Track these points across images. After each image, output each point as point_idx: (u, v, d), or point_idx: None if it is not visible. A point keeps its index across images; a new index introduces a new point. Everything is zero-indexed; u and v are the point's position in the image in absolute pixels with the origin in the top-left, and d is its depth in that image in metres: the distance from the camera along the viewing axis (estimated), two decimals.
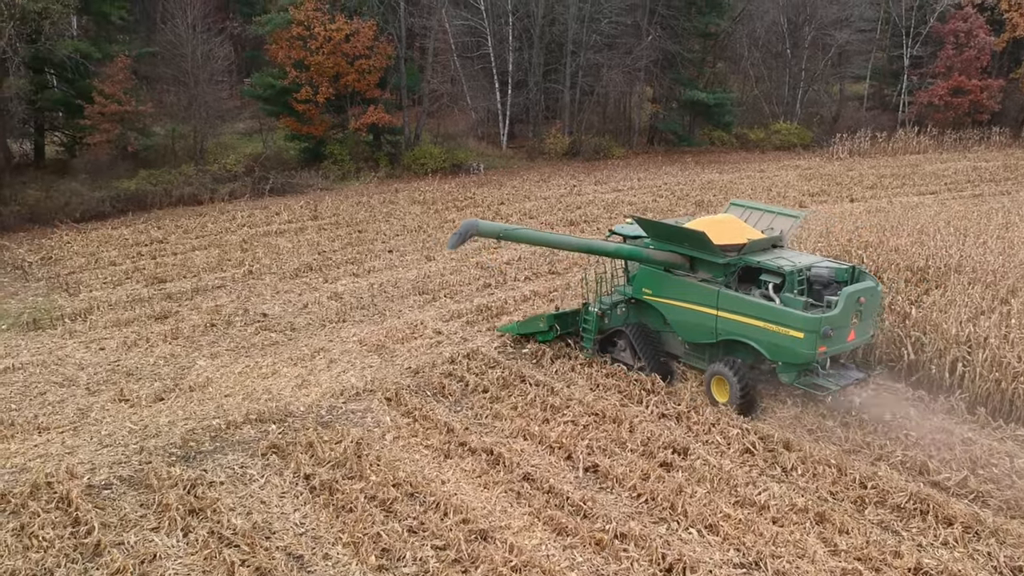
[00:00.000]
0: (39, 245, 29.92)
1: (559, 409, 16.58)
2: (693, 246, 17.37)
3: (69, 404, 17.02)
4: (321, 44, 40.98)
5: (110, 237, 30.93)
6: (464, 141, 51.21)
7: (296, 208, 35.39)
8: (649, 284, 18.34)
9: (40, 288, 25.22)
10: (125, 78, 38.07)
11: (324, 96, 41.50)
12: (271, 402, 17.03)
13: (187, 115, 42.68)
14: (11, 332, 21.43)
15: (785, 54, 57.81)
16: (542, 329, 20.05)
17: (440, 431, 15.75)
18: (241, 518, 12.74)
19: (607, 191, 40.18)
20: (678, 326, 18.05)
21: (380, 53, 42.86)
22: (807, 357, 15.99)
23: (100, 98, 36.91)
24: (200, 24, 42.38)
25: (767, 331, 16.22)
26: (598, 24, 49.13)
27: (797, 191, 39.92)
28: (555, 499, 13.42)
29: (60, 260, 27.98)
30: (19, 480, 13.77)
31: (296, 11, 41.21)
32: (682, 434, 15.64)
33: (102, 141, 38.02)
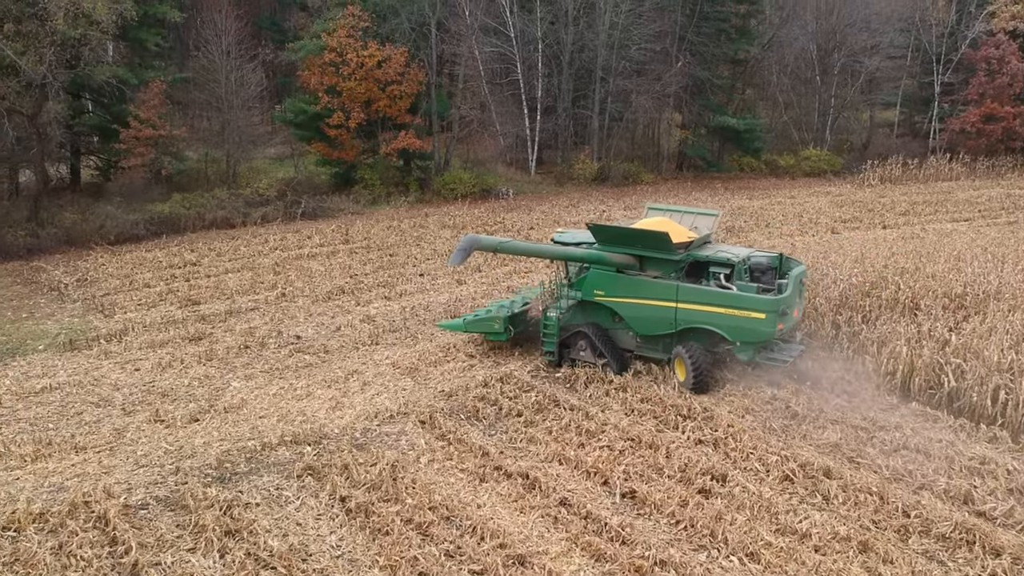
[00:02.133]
0: (75, 267, 30.26)
1: (594, 434, 16.45)
2: (650, 246, 18.91)
3: (105, 424, 17.10)
4: (353, 70, 41.39)
5: (144, 259, 31.25)
6: (493, 166, 51.40)
7: (328, 232, 35.61)
8: (601, 286, 19.49)
9: (76, 309, 25.48)
10: (160, 103, 38.62)
11: (356, 121, 41.86)
12: (306, 424, 17.02)
13: (220, 140, 43.24)
14: (48, 352, 21.63)
15: (815, 80, 57.69)
16: (497, 331, 20.43)
17: (475, 455, 15.66)
18: (277, 540, 12.69)
19: (636, 216, 39.99)
20: (635, 321, 19.37)
21: (411, 79, 43.22)
22: (768, 335, 18.15)
23: (135, 123, 37.47)
24: (233, 51, 43.00)
25: (729, 316, 18.10)
26: (627, 51, 49.28)
27: (829, 217, 39.66)
28: (593, 524, 13.28)
29: (95, 282, 28.28)
30: (57, 499, 13.82)
31: (329, 37, 41.71)
32: (720, 460, 15.44)
33: (137, 165, 38.56)
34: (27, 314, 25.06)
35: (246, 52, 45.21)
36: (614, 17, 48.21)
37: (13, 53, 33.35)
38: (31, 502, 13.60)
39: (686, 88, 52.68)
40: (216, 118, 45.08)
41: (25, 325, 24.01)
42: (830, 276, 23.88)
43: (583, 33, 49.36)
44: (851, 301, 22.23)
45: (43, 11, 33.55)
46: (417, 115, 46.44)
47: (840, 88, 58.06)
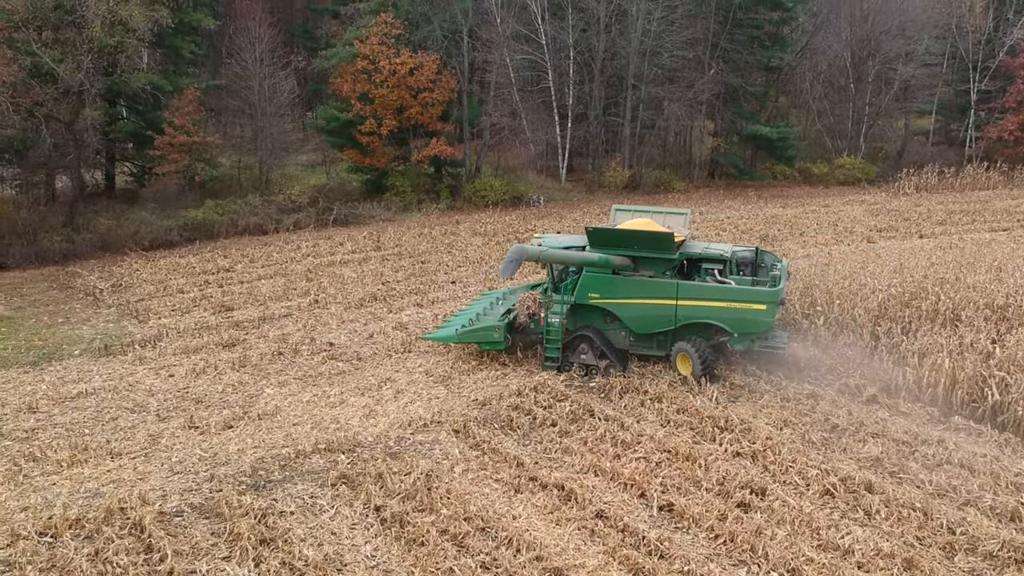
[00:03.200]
0: (110, 272, 30.52)
1: (630, 445, 16.24)
2: (651, 247, 19.45)
3: (140, 430, 17.14)
4: (386, 77, 41.51)
5: (178, 265, 31.46)
6: (524, 174, 51.34)
7: (359, 239, 35.68)
8: (597, 288, 19.78)
9: (111, 314, 25.65)
10: (194, 110, 38.93)
11: (388, 128, 41.96)
12: (339, 432, 16.95)
13: (253, 146, 43.54)
14: (84, 357, 21.77)
15: (848, 88, 57.09)
16: (496, 339, 20.26)
17: (510, 465, 15.50)
18: (312, 549, 12.60)
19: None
20: (632, 321, 19.81)
21: (443, 86, 43.28)
22: (768, 325, 19.20)
23: (170, 129, 37.79)
24: (266, 58, 43.29)
25: (730, 309, 18.92)
26: (660, 58, 49.08)
27: (864, 226, 39.15)
28: (630, 538, 13.07)
29: (130, 287, 28.49)
30: (93, 505, 13.83)
31: (362, 45, 41.86)
32: (759, 473, 15.18)
33: (171, 171, 38.93)
34: (63, 319, 25.26)
35: (279, 59, 45.49)
36: (646, 24, 48.00)
37: (51, 60, 33.80)
38: (67, 508, 13.62)
39: (718, 95, 52.34)
40: (249, 125, 45.40)
41: (61, 330, 24.20)
42: (868, 286, 23.51)
43: (615, 40, 49.17)
44: (890, 312, 21.87)
45: (81, 19, 34.01)
46: (448, 122, 46.47)
47: (874, 96, 57.40)
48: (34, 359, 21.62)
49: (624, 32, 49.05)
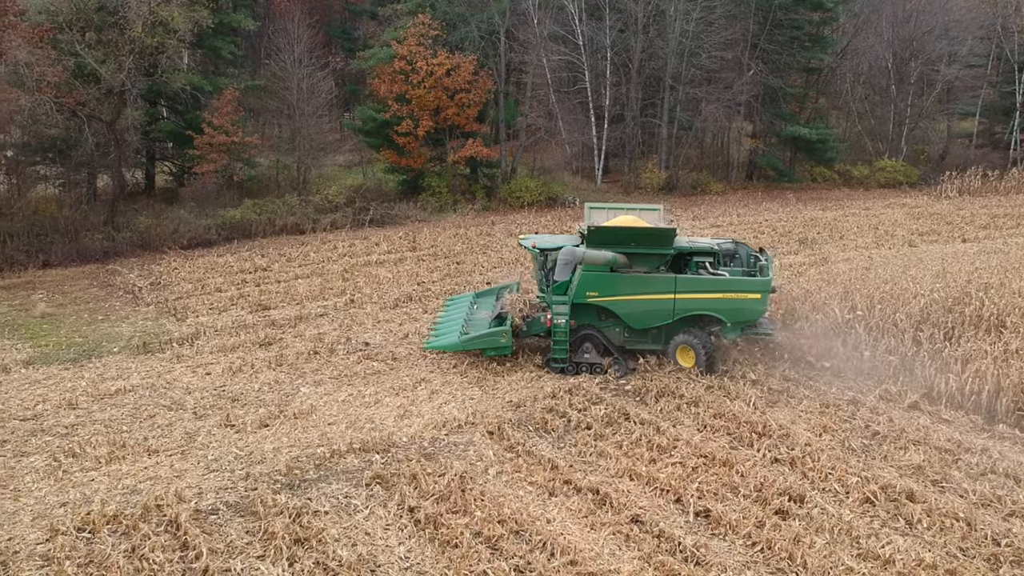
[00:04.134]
0: (149, 271, 30.84)
1: (666, 450, 16.06)
2: (651, 243, 19.77)
3: (177, 427, 17.24)
4: (423, 78, 41.60)
5: (216, 264, 31.71)
6: (559, 175, 51.20)
7: (395, 239, 35.76)
8: (595, 287, 19.94)
9: (150, 312, 25.91)
10: (233, 110, 39.26)
11: (424, 129, 42.05)
12: (374, 432, 16.94)
13: (291, 147, 43.84)
14: (123, 355, 21.98)
15: (890, 90, 56.31)
16: (503, 344, 20.08)
17: (544, 468, 15.38)
18: (346, 549, 12.58)
19: (705, 226, 39.45)
20: (631, 317, 20.15)
21: (480, 87, 43.29)
22: (761, 313, 20.16)
23: (209, 129, 38.15)
24: (305, 59, 43.59)
25: (727, 300, 19.67)
26: (698, 59, 48.71)
27: (905, 230, 38.57)
28: (666, 544, 12.89)
29: (168, 285, 28.76)
30: (130, 501, 13.92)
31: (399, 46, 41.98)
32: (797, 480, 14.93)
33: (209, 171, 39.25)
34: (103, 317, 25.56)
35: (317, 60, 45.80)
36: (684, 25, 47.67)
37: (94, 61, 34.26)
38: (105, 504, 13.71)
39: (757, 97, 51.87)
40: (287, 125, 45.72)
41: (101, 327, 24.47)
42: (910, 291, 23.14)
43: (653, 41, 48.90)
44: (932, 317, 21.47)
45: (123, 20, 34.45)
46: (485, 123, 46.48)
47: (916, 97, 56.61)
48: (74, 356, 21.88)
49: (662, 32, 48.77)
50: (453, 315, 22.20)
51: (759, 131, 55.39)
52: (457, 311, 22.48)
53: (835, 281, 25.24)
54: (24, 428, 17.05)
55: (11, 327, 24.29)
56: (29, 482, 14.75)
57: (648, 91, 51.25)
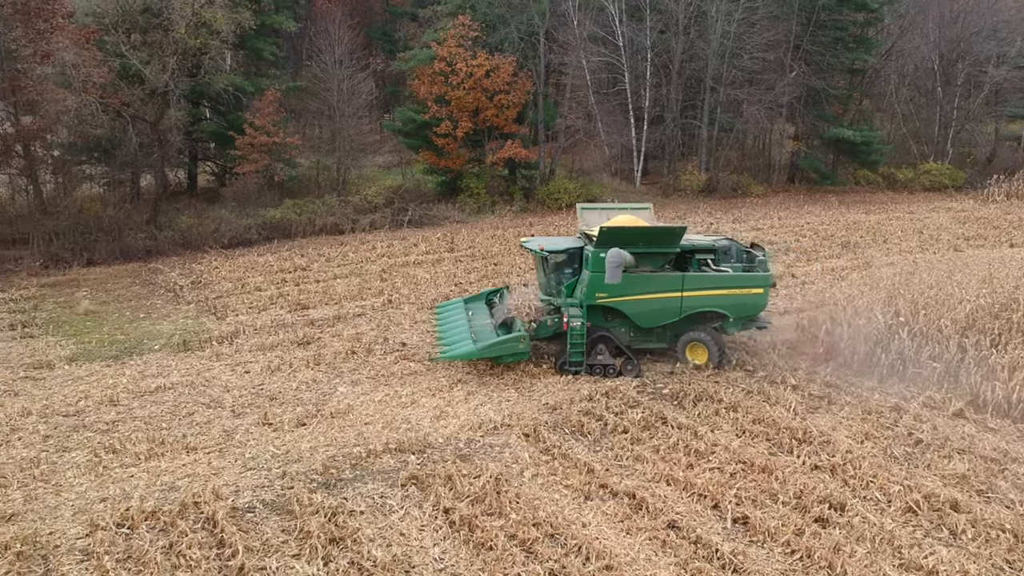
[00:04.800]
0: (190, 269, 31.18)
1: (704, 455, 15.87)
2: (659, 242, 20.05)
3: (215, 425, 17.37)
4: (462, 79, 41.65)
5: (256, 263, 31.98)
6: (598, 176, 51.01)
7: (433, 240, 35.83)
8: (604, 287, 19.79)
9: (190, 311, 26.18)
10: (274, 111, 39.59)
11: (463, 130, 42.11)
12: (410, 432, 16.94)
13: (331, 147, 44.14)
14: (163, 352, 22.22)
15: (936, 91, 55.39)
16: (521, 350, 19.83)
17: (580, 471, 15.27)
18: (381, 550, 12.57)
19: (746, 229, 39.06)
20: (639, 316, 20.27)
21: (519, 88, 43.26)
22: (763, 307, 20.75)
23: (251, 130, 38.50)
24: (346, 60, 43.86)
25: (732, 295, 20.10)
26: (739, 60, 48.25)
27: (951, 234, 37.90)
28: (703, 550, 12.72)
29: (209, 284, 29.04)
30: (168, 498, 14.04)
31: (439, 47, 42.05)
32: (838, 488, 14.67)
33: (251, 171, 39.61)
34: (144, 314, 25.87)
35: (358, 62, 46.05)
36: (726, 26, 47.27)
37: (139, 62, 34.74)
38: (144, 500, 13.84)
39: (799, 98, 51.31)
40: (328, 126, 46.03)
41: (142, 325, 24.77)
42: (955, 296, 22.69)
43: (694, 42, 48.56)
44: (979, 323, 21.04)
45: (167, 21, 34.89)
46: (523, 124, 46.43)
47: (963, 99, 55.60)
48: (116, 353, 22.16)
49: (703, 34, 48.41)
50: (453, 323, 21.91)
51: (801, 133, 54.75)
52: (455, 319, 22.20)
53: (878, 286, 24.82)
54: (67, 424, 17.29)
55: (56, 324, 24.69)
56: (71, 477, 14.95)
57: (688, 92, 50.89)
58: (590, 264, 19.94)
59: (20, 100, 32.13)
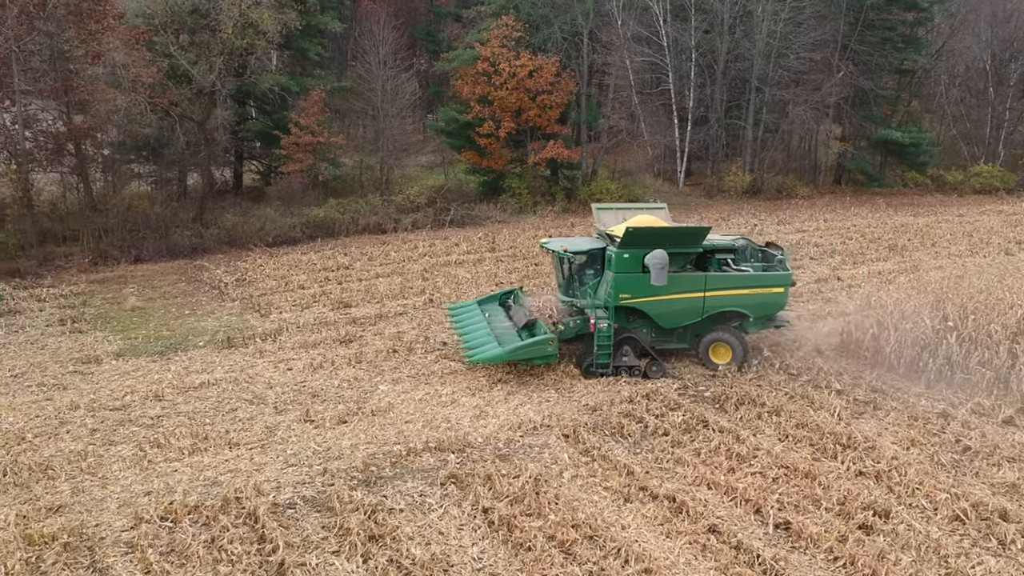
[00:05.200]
0: (235, 267, 31.54)
1: (745, 459, 15.70)
2: (684, 242, 20.04)
3: (258, 421, 17.54)
4: (505, 80, 41.65)
5: (299, 262, 32.26)
6: (640, 177, 50.76)
7: (475, 239, 35.88)
8: (628, 289, 19.76)
9: (235, 308, 26.47)
10: (319, 111, 39.89)
11: (506, 131, 42.11)
12: (450, 431, 16.97)
13: (374, 147, 44.38)
14: (208, 349, 22.50)
15: (987, 92, 54.31)
16: (550, 353, 19.60)
17: (620, 473, 15.18)
18: (420, 548, 12.60)
19: (791, 231, 38.63)
20: (662, 317, 20.22)
21: (562, 89, 43.15)
22: (783, 306, 20.81)
23: (296, 129, 38.83)
24: (390, 60, 44.11)
25: (754, 295, 20.15)
26: (785, 60, 47.71)
27: (1002, 237, 37.11)
28: (744, 556, 12.58)
29: (253, 282, 29.35)
30: (211, 493, 14.21)
31: (482, 47, 42.12)
32: (882, 495, 14.43)
33: (295, 170, 39.98)
34: (189, 311, 26.21)
35: (402, 62, 46.30)
36: (772, 26, 46.78)
37: (187, 62, 35.22)
38: (187, 494, 14.04)
39: (847, 99, 50.61)
40: (371, 126, 46.29)
41: (188, 321, 25.11)
42: (1006, 301, 22.20)
43: (739, 42, 48.13)
44: None
45: (214, 22, 35.32)
46: (566, 125, 46.32)
47: (1016, 100, 54.47)
48: (162, 349, 22.49)
49: (749, 33, 47.95)
50: (473, 325, 21.74)
51: (848, 134, 54.01)
52: (474, 321, 22.02)
53: (926, 290, 24.36)
54: (113, 418, 17.57)
55: (104, 319, 25.12)
56: (116, 470, 15.19)
57: (733, 93, 50.44)
58: (614, 265, 19.90)
59: (72, 100, 32.75)
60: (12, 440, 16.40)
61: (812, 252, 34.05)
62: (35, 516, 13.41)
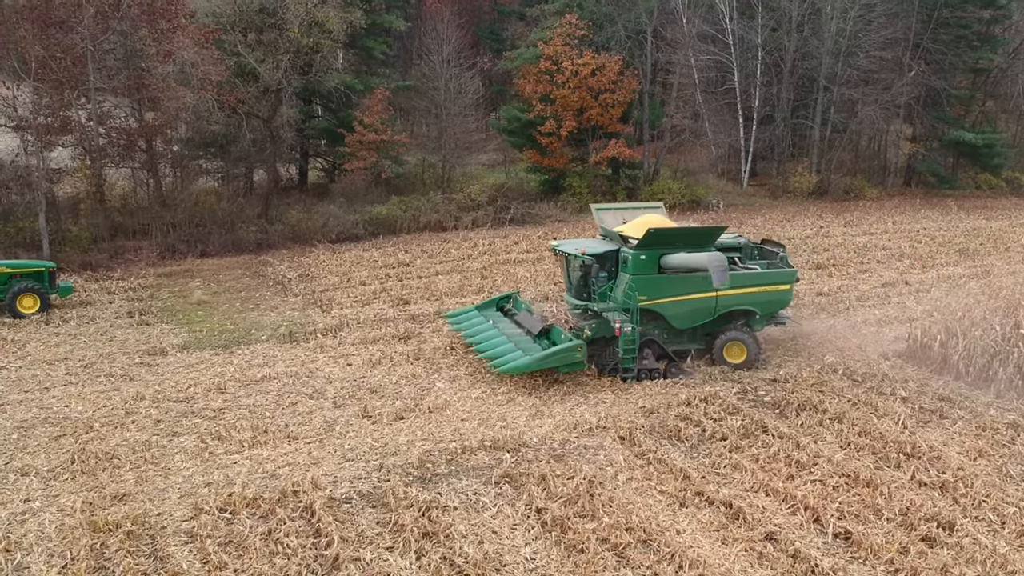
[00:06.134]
0: (298, 262, 32.01)
1: (805, 466, 15.40)
2: (698, 242, 20.00)
3: (317, 416, 17.76)
4: (568, 78, 41.56)
5: (361, 258, 32.60)
6: (703, 177, 50.20)
7: (534, 238, 35.87)
8: (644, 291, 19.69)
9: (297, 303, 26.87)
10: (383, 109, 40.22)
11: (567, 129, 42.02)
12: (505, 430, 16.98)
13: (437, 145, 44.62)
14: (270, 343, 22.87)
15: None
16: (578, 359, 19.15)
17: (675, 477, 15.02)
18: (473, 547, 12.61)
19: (858, 234, 37.87)
20: (676, 318, 20.25)
21: (624, 87, 42.90)
22: (788, 303, 21.36)
23: (360, 127, 39.21)
24: (453, 59, 44.25)
25: (763, 293, 20.51)
26: (855, 58, 46.72)
27: None
28: (801, 564, 12.33)
29: (316, 278, 29.76)
30: (269, 486, 14.41)
31: (545, 46, 42.06)
32: (947, 506, 14.03)
33: (359, 168, 40.39)
34: (253, 305, 26.68)
35: (465, 60, 46.44)
36: (841, 23, 45.86)
37: (254, 61, 35.81)
38: (246, 486, 14.26)
39: (918, 99, 49.40)
40: (434, 124, 46.54)
41: (251, 316, 25.55)
42: None
43: (807, 40, 47.28)
44: None
45: (281, 21, 35.85)
46: (628, 124, 46.00)
47: None
48: (225, 342, 22.92)
49: (817, 31, 47.06)
50: (483, 333, 21.42)
51: (919, 135, 52.73)
52: (483, 328, 21.72)
53: (997, 295, 23.67)
54: (176, 409, 17.96)
55: (170, 312, 25.70)
56: (178, 461, 15.51)
57: (800, 92, 49.59)
58: (630, 267, 19.74)
59: (144, 97, 33.61)
60: (81, 428, 16.87)
61: (879, 255, 33.33)
62: (100, 504, 13.76)
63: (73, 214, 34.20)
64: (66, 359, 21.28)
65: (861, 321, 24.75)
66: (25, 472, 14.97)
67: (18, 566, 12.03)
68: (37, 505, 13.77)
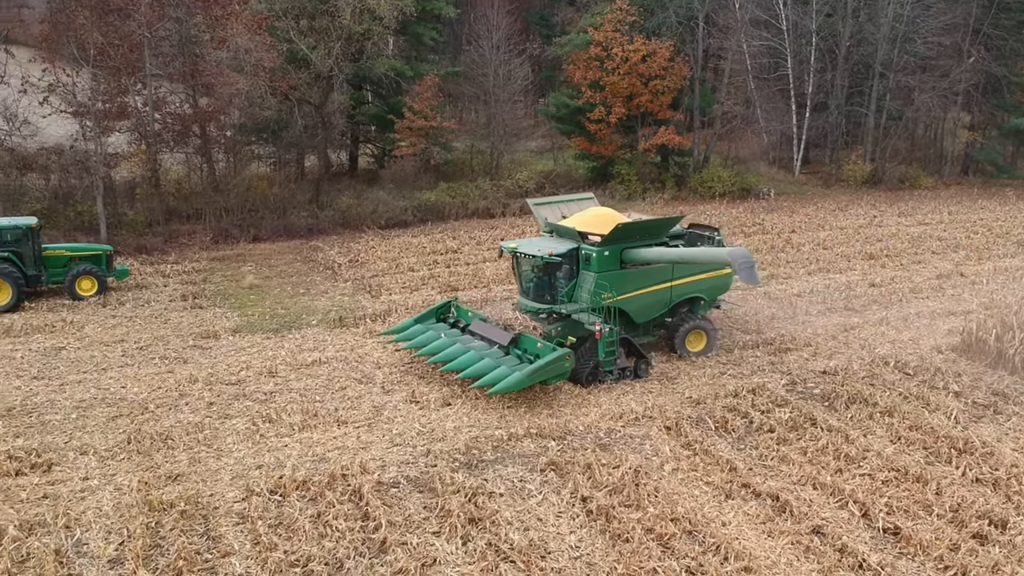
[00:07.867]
0: (348, 248, 32.34)
1: (854, 460, 15.25)
2: (656, 233, 20.08)
3: (366, 400, 17.98)
4: (617, 64, 41.34)
5: (410, 244, 32.83)
6: (754, 165, 49.64)
7: None
8: (611, 288, 19.17)
9: (347, 288, 27.16)
10: (432, 95, 40.37)
11: (616, 116, 41.81)
12: (551, 418, 17.05)
13: (485, 132, 44.71)
14: (320, 327, 23.17)
15: None
16: (567, 368, 18.00)
17: (722, 468, 14.97)
18: (518, 533, 12.71)
19: (912, 224, 37.20)
20: (637, 312, 20.01)
21: (675, 74, 42.54)
22: (729, 287, 21.57)
23: (409, 114, 39.42)
24: (503, 45, 44.24)
25: (709, 279, 20.69)
26: (912, 45, 45.79)
27: None
28: (848, 559, 12.24)
29: (365, 263, 30.05)
30: (318, 469, 14.66)
31: (596, 32, 41.85)
32: (1000, 504, 13.80)
33: (408, 154, 40.64)
34: (304, 290, 27.03)
35: (515, 47, 46.38)
36: (898, 9, 44.97)
37: (306, 47, 36.14)
38: (296, 469, 14.53)
39: (977, 86, 48.31)
40: (483, 111, 46.63)
41: (302, 300, 25.89)
42: None
43: (863, 26, 46.43)
44: None
45: (333, 8, 36.11)
46: (678, 110, 45.60)
47: None
48: (276, 326, 23.27)
49: (873, 17, 46.19)
50: (447, 350, 19.23)
51: (978, 123, 51.56)
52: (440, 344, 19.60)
53: None
54: (229, 392, 18.32)
55: (223, 296, 26.15)
56: (230, 443, 15.84)
57: (855, 78, 48.74)
58: (595, 264, 19.18)
59: (198, 83, 34.12)
60: (136, 410, 17.29)
61: (934, 246, 32.72)
62: (155, 483, 14.13)
63: (129, 198, 34.92)
64: (122, 341, 21.80)
65: (914, 313, 24.34)
66: (84, 451, 15.41)
67: (78, 542, 12.41)
68: (95, 483, 14.19)
